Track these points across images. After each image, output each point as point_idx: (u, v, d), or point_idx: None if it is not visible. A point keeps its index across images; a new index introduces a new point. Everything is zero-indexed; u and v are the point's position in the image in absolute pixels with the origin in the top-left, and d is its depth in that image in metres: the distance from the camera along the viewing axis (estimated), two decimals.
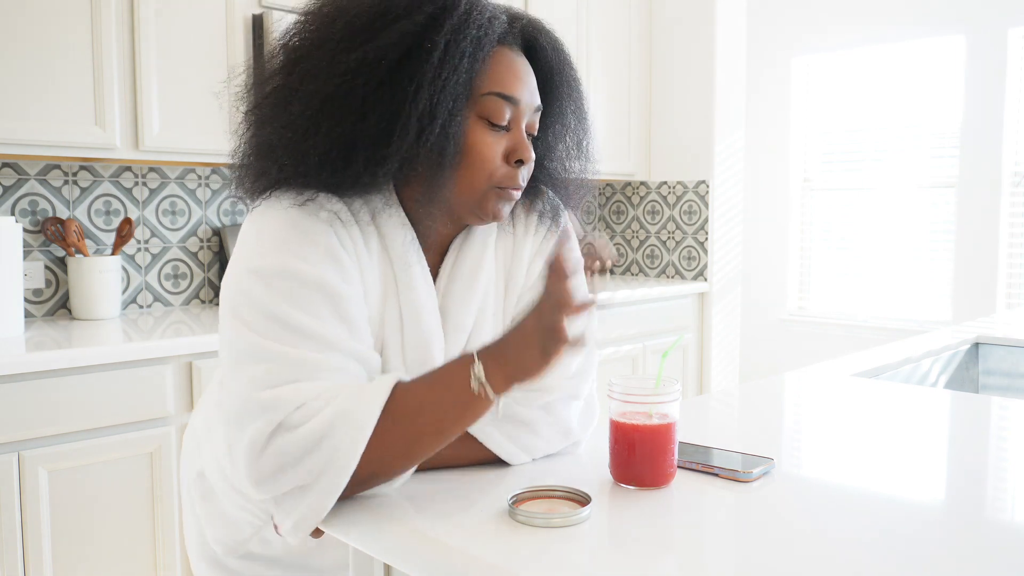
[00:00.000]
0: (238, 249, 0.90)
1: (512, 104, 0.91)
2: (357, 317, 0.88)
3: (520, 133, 0.93)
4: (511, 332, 0.84)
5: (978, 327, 2.20)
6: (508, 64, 0.92)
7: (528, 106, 0.94)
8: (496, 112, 0.90)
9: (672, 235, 3.69)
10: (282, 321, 0.83)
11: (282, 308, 0.83)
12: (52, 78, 2.07)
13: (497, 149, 0.91)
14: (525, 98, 0.93)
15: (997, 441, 1.18)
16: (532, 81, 0.94)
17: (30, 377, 1.82)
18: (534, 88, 0.95)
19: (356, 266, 0.90)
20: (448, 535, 0.78)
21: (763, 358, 4.96)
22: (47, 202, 2.37)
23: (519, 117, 0.93)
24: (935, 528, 0.83)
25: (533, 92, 0.94)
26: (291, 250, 0.86)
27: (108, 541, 1.97)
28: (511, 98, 0.91)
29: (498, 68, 0.91)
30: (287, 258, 0.85)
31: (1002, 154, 4.08)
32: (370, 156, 0.86)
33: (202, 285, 2.70)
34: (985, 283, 4.14)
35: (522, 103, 0.92)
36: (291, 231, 0.87)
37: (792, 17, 4.73)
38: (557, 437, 1.00)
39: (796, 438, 1.21)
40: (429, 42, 0.85)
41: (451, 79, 0.85)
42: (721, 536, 0.82)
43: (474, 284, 1.00)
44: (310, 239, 0.87)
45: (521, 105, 0.92)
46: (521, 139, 0.93)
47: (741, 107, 3.67)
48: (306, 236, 0.87)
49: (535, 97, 0.95)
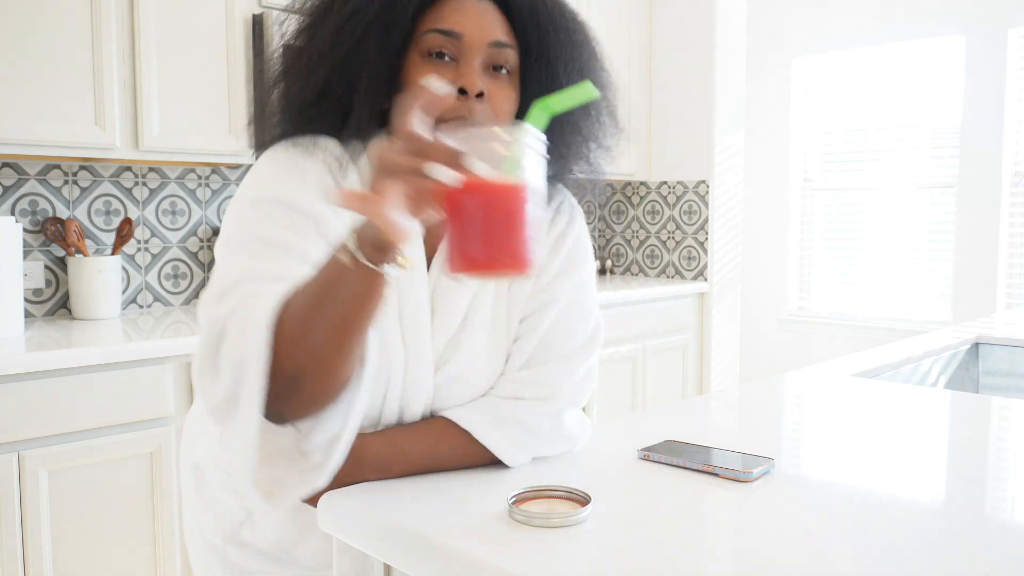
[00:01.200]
0: (239, 188, 0.94)
1: (452, 37, 0.90)
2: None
3: (467, 65, 0.90)
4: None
5: (978, 327, 2.20)
6: (455, 3, 0.92)
7: (478, 40, 0.91)
8: (433, 46, 0.91)
9: (672, 235, 3.69)
10: (264, 239, 0.86)
11: (268, 229, 0.86)
12: (52, 78, 2.07)
13: None
14: (471, 31, 0.91)
15: (997, 441, 1.18)
16: (486, 17, 0.92)
17: (30, 377, 1.82)
18: (488, 24, 0.92)
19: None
20: (448, 535, 0.78)
21: (763, 358, 4.96)
22: (47, 202, 2.37)
23: (466, 51, 0.91)
24: (935, 528, 0.83)
25: (485, 27, 0.92)
26: (285, 182, 0.90)
27: (108, 541, 1.97)
28: (448, 32, 0.90)
29: (441, 9, 0.92)
30: (280, 188, 0.89)
31: (1002, 154, 4.08)
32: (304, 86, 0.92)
33: (202, 285, 2.70)
34: (985, 283, 4.14)
35: (465, 36, 0.91)
36: (288, 168, 0.91)
37: (792, 17, 4.73)
38: (561, 441, 1.01)
39: (796, 438, 1.21)
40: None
41: (361, 9, 0.89)
42: (721, 536, 0.82)
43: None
44: (304, 176, 0.91)
45: (465, 39, 0.91)
46: (466, 69, 0.90)
47: (741, 107, 3.67)
48: (302, 173, 0.91)
49: (490, 32, 0.92)
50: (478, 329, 0.99)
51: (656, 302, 3.38)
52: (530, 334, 1.01)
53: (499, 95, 0.92)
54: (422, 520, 0.82)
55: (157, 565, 2.05)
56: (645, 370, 3.36)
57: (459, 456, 0.95)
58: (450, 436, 0.95)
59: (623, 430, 1.15)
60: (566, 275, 1.03)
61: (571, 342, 1.02)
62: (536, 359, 1.01)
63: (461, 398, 0.99)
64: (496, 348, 1.01)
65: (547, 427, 0.99)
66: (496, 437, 0.95)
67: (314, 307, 0.75)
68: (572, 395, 1.01)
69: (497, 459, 0.96)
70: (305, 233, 0.87)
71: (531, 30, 0.95)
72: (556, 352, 1.01)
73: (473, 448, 0.95)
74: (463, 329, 0.98)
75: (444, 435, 0.95)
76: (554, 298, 1.02)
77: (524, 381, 1.00)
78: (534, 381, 0.99)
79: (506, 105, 0.93)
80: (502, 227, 0.67)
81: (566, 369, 1.00)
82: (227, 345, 0.78)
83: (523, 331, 1.02)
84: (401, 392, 0.95)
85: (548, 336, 1.01)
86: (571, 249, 1.04)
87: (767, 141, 4.88)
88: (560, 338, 1.01)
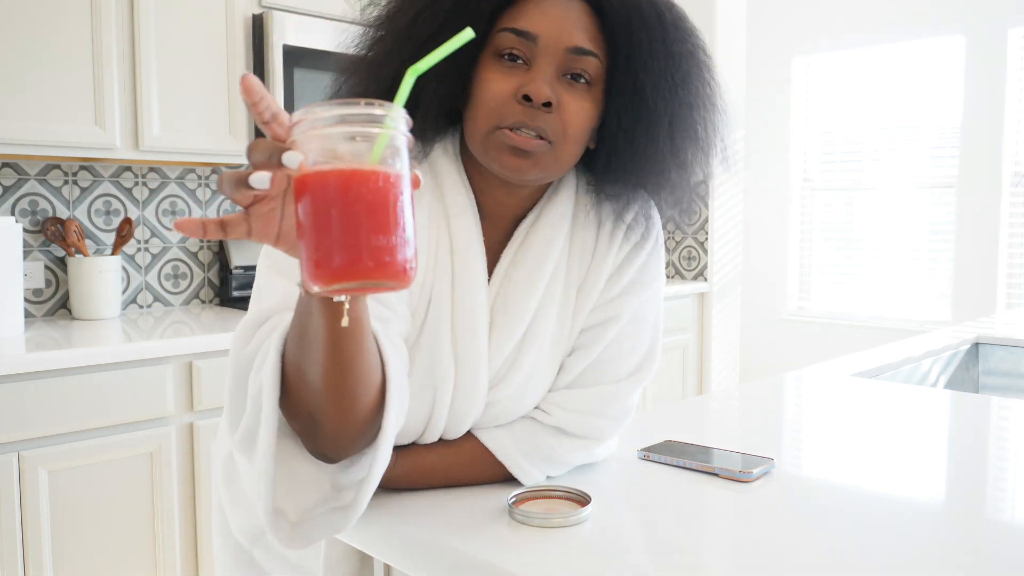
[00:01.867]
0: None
1: (526, 39, 0.83)
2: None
3: (538, 71, 0.83)
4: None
5: (978, 327, 2.20)
6: (538, 2, 0.84)
7: (554, 43, 0.83)
8: (504, 46, 0.83)
9: (672, 235, 3.69)
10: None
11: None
12: (52, 78, 2.07)
13: (504, 86, 0.83)
14: (548, 33, 0.83)
15: (997, 441, 1.18)
16: (569, 19, 0.84)
17: (30, 377, 1.82)
18: (570, 26, 0.83)
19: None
20: (448, 535, 0.78)
21: (763, 358, 4.96)
22: (47, 202, 2.37)
23: (541, 55, 0.83)
24: (935, 528, 0.83)
25: (565, 30, 0.83)
26: None
27: (108, 541, 1.97)
28: (522, 32, 0.83)
29: (523, 6, 0.84)
30: None
31: (1002, 154, 4.08)
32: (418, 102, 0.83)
33: (202, 285, 2.70)
34: (985, 283, 4.14)
35: (542, 38, 0.83)
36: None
37: (792, 17, 4.73)
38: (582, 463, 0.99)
39: (796, 438, 1.21)
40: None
41: (461, 21, 0.80)
42: (721, 536, 0.82)
43: (534, 284, 0.91)
44: None
45: (541, 42, 0.83)
46: (536, 75, 0.82)
47: (741, 107, 3.67)
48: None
49: (570, 36, 0.83)
50: (539, 345, 0.93)
51: None
52: (587, 349, 0.95)
53: (572, 107, 0.84)
54: (422, 520, 0.82)
55: (157, 565, 2.05)
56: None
57: (482, 477, 0.93)
58: (479, 462, 0.92)
59: (623, 430, 1.15)
60: (633, 292, 0.96)
61: (625, 365, 0.96)
62: (587, 379, 0.95)
63: (509, 416, 0.94)
64: (554, 364, 0.96)
65: (578, 459, 0.96)
66: (523, 465, 0.92)
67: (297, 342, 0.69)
68: (612, 429, 0.97)
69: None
70: None
71: (622, 37, 0.85)
72: (608, 375, 0.96)
73: (498, 470, 0.93)
74: (523, 345, 0.92)
75: (472, 459, 0.92)
76: (617, 314, 0.95)
77: (569, 409, 0.94)
78: (580, 411, 0.94)
79: (579, 118, 0.84)
80: (366, 224, 0.54)
81: (613, 395, 0.95)
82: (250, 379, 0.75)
83: (580, 344, 0.96)
84: (449, 411, 0.90)
85: (605, 354, 0.95)
86: (643, 264, 0.97)
87: (767, 141, 4.88)
88: (614, 358, 0.96)
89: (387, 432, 0.73)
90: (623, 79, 0.85)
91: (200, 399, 2.07)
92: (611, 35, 0.85)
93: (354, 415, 0.71)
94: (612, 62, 0.85)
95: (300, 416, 0.73)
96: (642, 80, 0.85)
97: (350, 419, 0.72)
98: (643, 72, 0.85)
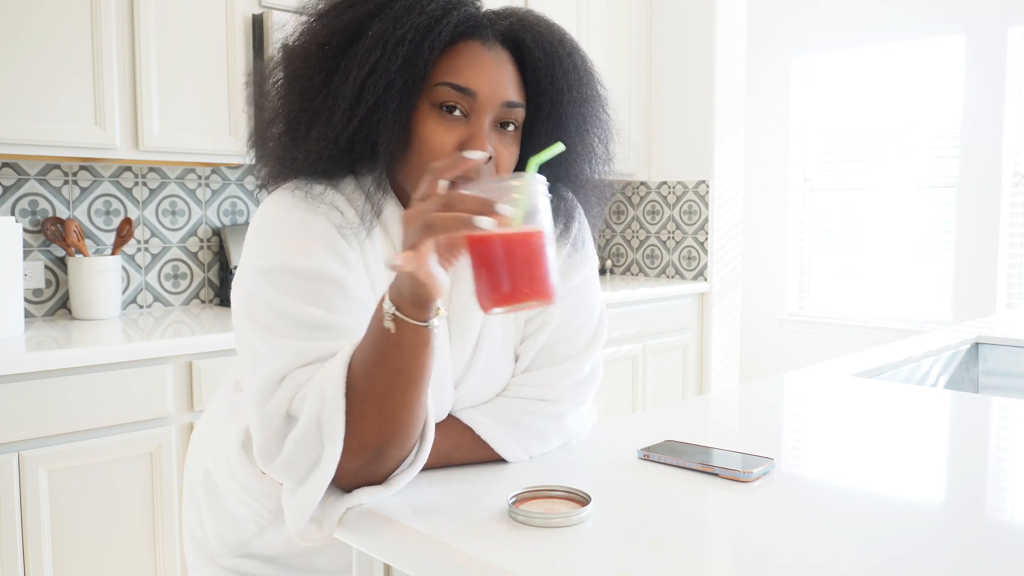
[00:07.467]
0: (245, 248, 0.94)
1: (466, 95, 0.89)
2: (365, 300, 0.90)
3: (478, 125, 0.90)
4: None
5: (978, 327, 2.20)
6: (471, 56, 0.91)
7: (490, 99, 0.90)
8: (445, 99, 0.90)
9: (672, 235, 3.69)
10: (292, 317, 0.86)
11: (290, 304, 0.86)
12: (52, 78, 2.07)
13: (448, 139, 0.90)
14: (486, 89, 0.90)
15: (997, 441, 1.18)
16: (502, 75, 0.92)
17: (30, 377, 1.82)
18: (503, 81, 0.92)
19: (359, 254, 0.93)
20: (448, 535, 0.78)
21: (763, 358, 4.96)
22: (47, 202, 2.37)
23: (479, 109, 0.90)
24: (935, 528, 0.83)
25: (500, 85, 0.91)
26: (289, 246, 0.89)
27: (108, 541, 1.97)
28: (463, 88, 0.89)
29: (457, 60, 0.90)
30: (287, 255, 0.88)
31: (1002, 154, 4.08)
32: (319, 135, 0.90)
33: (202, 285, 2.70)
34: (985, 283, 4.15)
35: (480, 95, 0.90)
36: (289, 227, 0.91)
37: (792, 17, 4.74)
38: (558, 439, 1.04)
39: (796, 438, 1.21)
40: (369, 28, 0.88)
41: (382, 66, 0.87)
42: (721, 536, 0.82)
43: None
44: (307, 232, 0.90)
45: (480, 98, 0.90)
46: (478, 131, 0.90)
47: (741, 107, 3.67)
48: (302, 229, 0.90)
49: (504, 91, 0.91)
50: (491, 343, 1.01)
51: (656, 302, 3.38)
52: (536, 335, 1.03)
53: (504, 153, 0.92)
54: (422, 520, 0.82)
55: (157, 565, 2.05)
56: (645, 370, 3.36)
57: (464, 453, 0.98)
58: (455, 434, 0.98)
59: (623, 430, 1.15)
60: (569, 275, 1.04)
61: (575, 342, 1.04)
62: (541, 361, 1.03)
63: (476, 402, 1.02)
64: (508, 355, 1.03)
65: (549, 428, 1.02)
66: (498, 435, 0.98)
67: (378, 376, 0.80)
68: (576, 396, 1.03)
69: (499, 456, 0.99)
70: (334, 302, 0.87)
71: (546, 89, 0.95)
72: (561, 353, 1.03)
73: (478, 446, 0.98)
74: (477, 349, 1.00)
75: (450, 433, 0.97)
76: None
77: (530, 384, 1.02)
78: (539, 384, 1.02)
79: (509, 161, 0.94)
80: (525, 267, 0.77)
81: (570, 370, 1.02)
82: (302, 420, 0.81)
83: (529, 332, 1.03)
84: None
85: (553, 337, 1.03)
86: (571, 246, 1.05)
87: (767, 141, 4.88)
88: (564, 339, 1.03)
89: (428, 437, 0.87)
90: (545, 122, 0.96)
91: (200, 399, 2.07)
92: (534, 85, 0.95)
93: (418, 428, 0.85)
94: (532, 105, 0.96)
95: (361, 453, 0.83)
96: (565, 124, 0.97)
97: (416, 433, 0.85)
98: (566, 116, 0.96)
